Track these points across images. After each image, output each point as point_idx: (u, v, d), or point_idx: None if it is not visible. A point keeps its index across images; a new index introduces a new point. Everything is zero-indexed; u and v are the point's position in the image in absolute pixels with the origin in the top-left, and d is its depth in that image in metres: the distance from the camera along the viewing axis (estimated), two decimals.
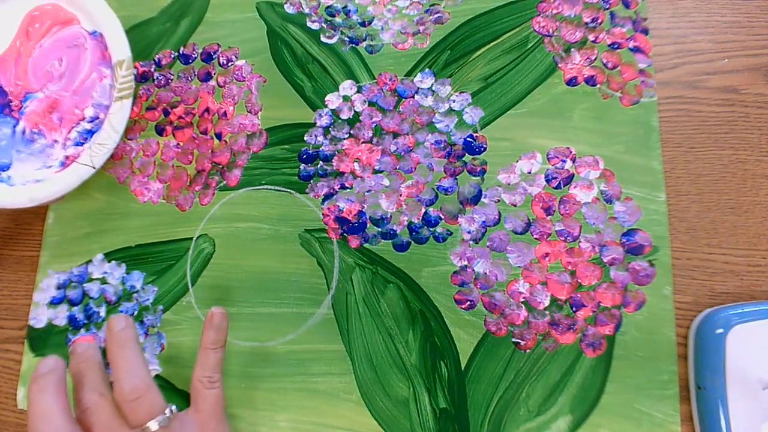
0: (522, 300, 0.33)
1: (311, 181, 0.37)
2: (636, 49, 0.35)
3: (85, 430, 0.27)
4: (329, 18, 0.40)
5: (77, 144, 0.35)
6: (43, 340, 0.37)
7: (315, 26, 0.40)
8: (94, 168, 0.35)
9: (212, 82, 0.40)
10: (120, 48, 0.37)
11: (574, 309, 0.32)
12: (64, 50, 0.37)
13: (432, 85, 0.37)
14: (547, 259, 0.33)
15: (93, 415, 0.27)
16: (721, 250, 0.33)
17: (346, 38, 0.39)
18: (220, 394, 0.30)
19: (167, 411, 0.27)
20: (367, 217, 0.35)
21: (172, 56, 0.41)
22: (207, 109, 0.39)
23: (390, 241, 0.35)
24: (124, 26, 0.38)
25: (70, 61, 0.37)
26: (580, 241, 0.33)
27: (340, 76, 0.38)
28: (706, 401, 0.29)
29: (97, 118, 0.35)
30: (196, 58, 0.41)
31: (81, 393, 0.28)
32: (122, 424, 0.27)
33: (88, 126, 0.35)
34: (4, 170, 0.35)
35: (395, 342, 0.33)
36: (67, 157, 0.35)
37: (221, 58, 0.40)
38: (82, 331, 0.37)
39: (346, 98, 0.38)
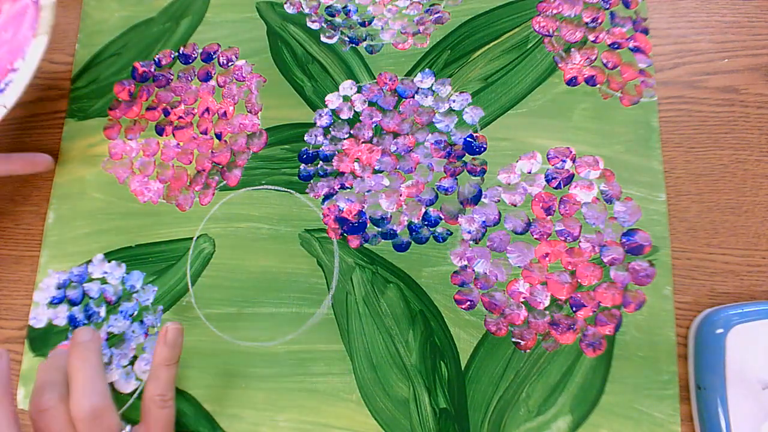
0: (522, 300, 0.33)
1: (311, 181, 0.37)
2: (636, 49, 0.35)
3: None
4: (329, 18, 0.40)
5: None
6: (43, 340, 0.37)
7: (315, 26, 0.40)
8: (4, 107, 0.34)
9: (212, 82, 0.40)
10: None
11: (574, 309, 0.32)
12: (12, 22, 0.37)
13: (432, 85, 0.37)
14: (547, 259, 0.33)
15: (49, 420, 0.27)
16: (721, 250, 0.33)
17: (346, 38, 0.39)
18: (172, 413, 0.30)
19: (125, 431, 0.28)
20: (367, 217, 0.35)
21: (172, 56, 0.41)
22: (207, 109, 0.39)
23: (390, 241, 0.35)
24: (124, 26, 0.37)
25: (16, 31, 0.37)
26: (580, 241, 0.33)
27: (340, 76, 0.38)
28: (706, 401, 0.29)
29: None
30: (196, 58, 0.41)
31: (44, 390, 0.28)
32: None
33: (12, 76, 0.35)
34: None
35: (395, 342, 0.33)
36: None
37: (221, 58, 0.40)
38: None
39: (346, 98, 0.38)
